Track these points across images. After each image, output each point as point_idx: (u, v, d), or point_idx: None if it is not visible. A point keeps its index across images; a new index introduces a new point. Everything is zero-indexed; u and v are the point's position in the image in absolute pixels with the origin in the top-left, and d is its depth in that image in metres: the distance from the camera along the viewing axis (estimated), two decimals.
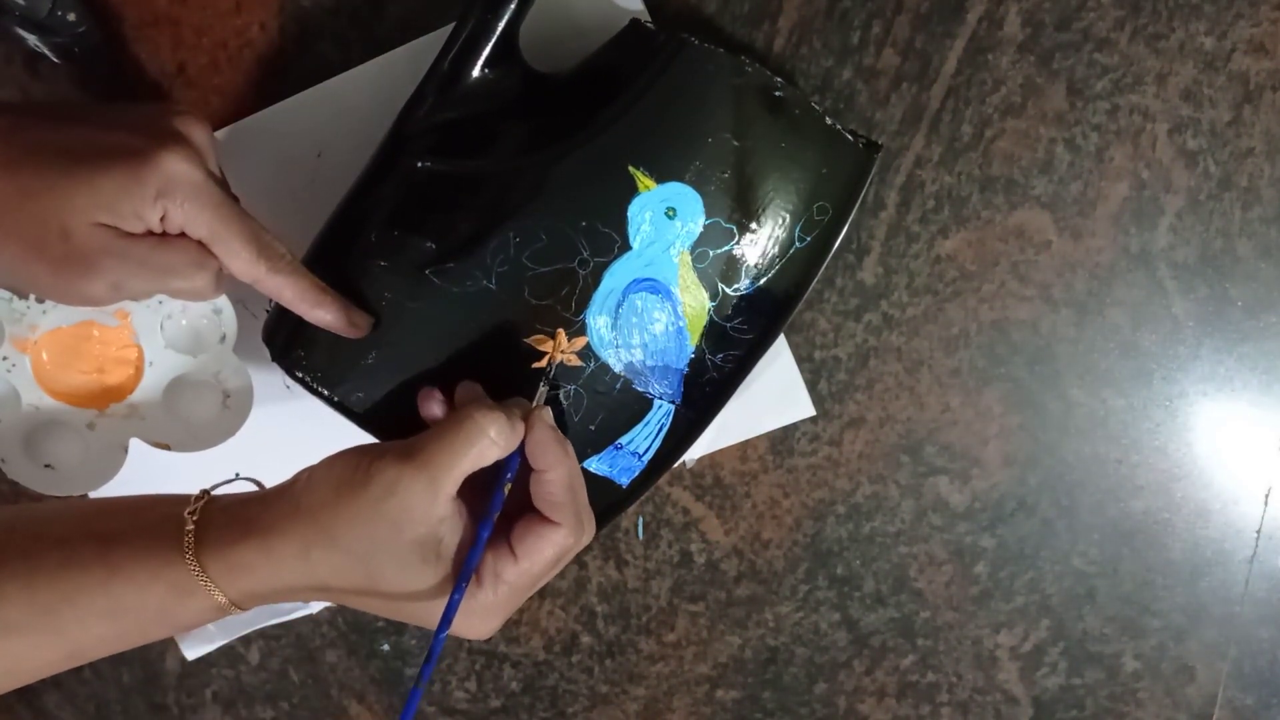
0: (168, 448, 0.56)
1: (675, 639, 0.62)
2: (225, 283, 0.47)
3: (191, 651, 0.62)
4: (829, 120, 0.49)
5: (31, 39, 0.52)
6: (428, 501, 0.42)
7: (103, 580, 0.42)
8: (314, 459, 0.45)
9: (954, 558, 0.60)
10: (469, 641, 0.62)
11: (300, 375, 0.51)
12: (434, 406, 0.47)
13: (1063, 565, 0.60)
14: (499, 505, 0.44)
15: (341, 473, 0.43)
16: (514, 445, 0.44)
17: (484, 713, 0.64)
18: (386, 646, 0.63)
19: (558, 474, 0.45)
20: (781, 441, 0.59)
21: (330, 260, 0.50)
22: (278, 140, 0.54)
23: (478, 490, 0.45)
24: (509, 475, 0.45)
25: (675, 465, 0.54)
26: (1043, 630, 0.61)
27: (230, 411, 0.56)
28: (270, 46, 0.55)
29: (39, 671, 0.44)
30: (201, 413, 0.57)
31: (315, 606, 0.62)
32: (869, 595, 0.61)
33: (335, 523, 0.42)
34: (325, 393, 0.51)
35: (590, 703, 0.63)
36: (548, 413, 0.47)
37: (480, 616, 0.44)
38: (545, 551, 0.44)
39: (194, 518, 0.44)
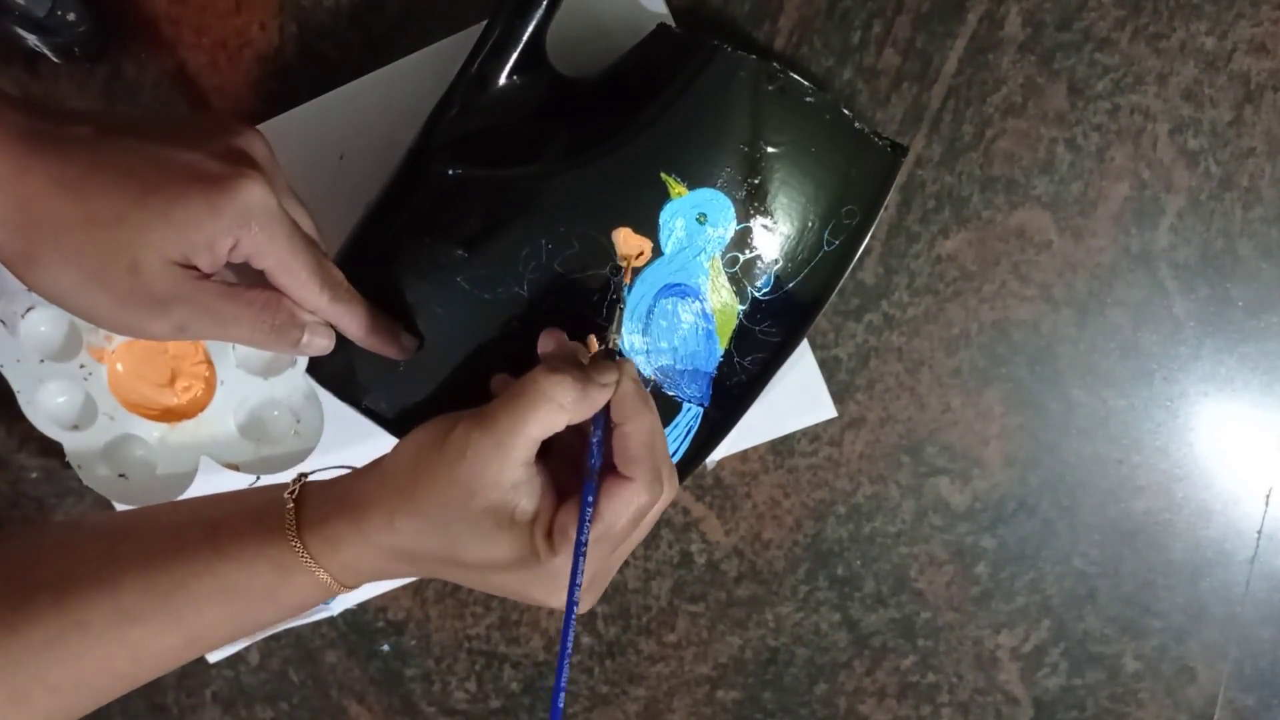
0: (237, 468, 0.56)
1: (675, 639, 0.62)
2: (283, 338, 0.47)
3: (214, 654, 0.62)
4: (858, 125, 0.49)
5: (31, 39, 0.52)
6: (498, 466, 0.41)
7: (212, 563, 0.43)
8: None
9: (955, 558, 0.60)
10: (469, 641, 0.62)
11: (331, 384, 0.51)
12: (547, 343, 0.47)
13: (1063, 566, 0.60)
14: (597, 467, 0.43)
15: (422, 439, 0.43)
16: (586, 411, 0.43)
17: (484, 713, 0.64)
18: (386, 647, 0.63)
19: (636, 427, 0.43)
20: (782, 442, 0.59)
21: (359, 267, 0.49)
22: (301, 142, 0.54)
23: (562, 456, 0.44)
24: (596, 439, 0.43)
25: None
26: (1043, 631, 0.61)
27: (299, 438, 0.56)
28: (270, 46, 0.55)
29: (160, 660, 0.45)
30: (271, 438, 0.57)
31: (335, 608, 0.62)
32: (869, 596, 0.61)
33: (415, 488, 0.42)
34: (356, 401, 0.51)
35: (590, 703, 0.63)
36: (631, 367, 0.45)
37: (558, 580, 0.43)
38: (619, 509, 0.43)
39: (293, 497, 0.44)
